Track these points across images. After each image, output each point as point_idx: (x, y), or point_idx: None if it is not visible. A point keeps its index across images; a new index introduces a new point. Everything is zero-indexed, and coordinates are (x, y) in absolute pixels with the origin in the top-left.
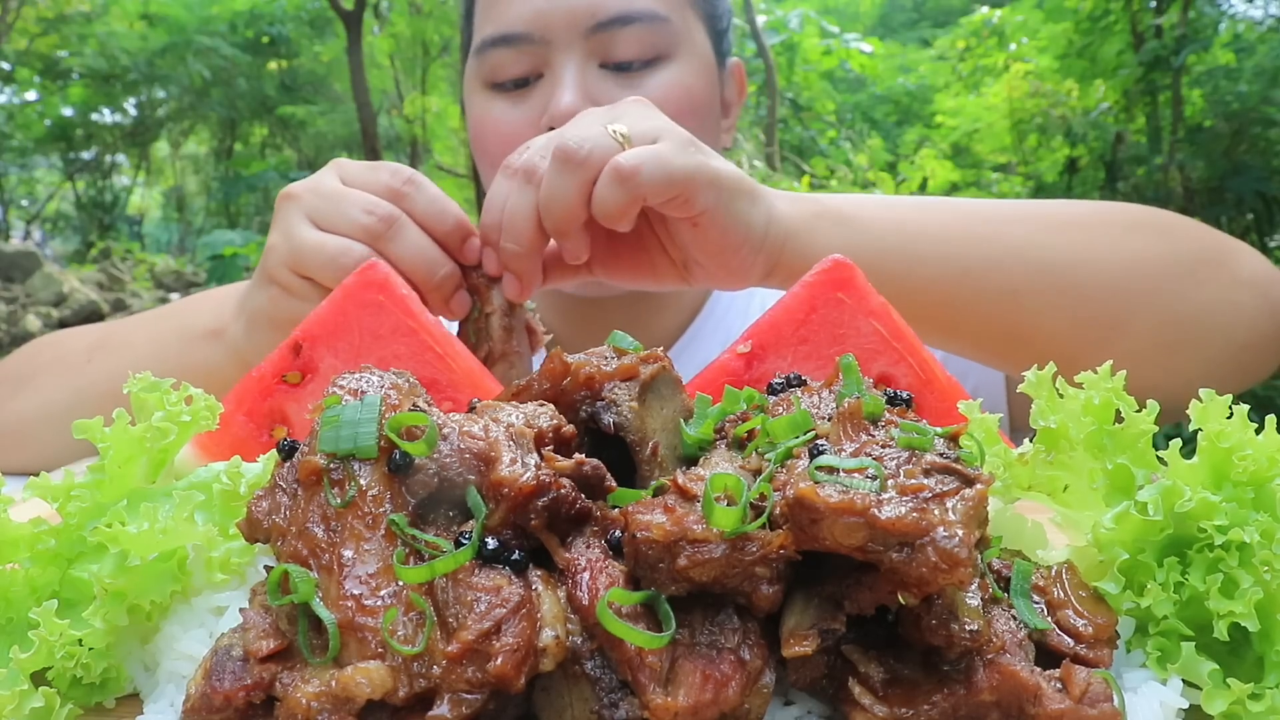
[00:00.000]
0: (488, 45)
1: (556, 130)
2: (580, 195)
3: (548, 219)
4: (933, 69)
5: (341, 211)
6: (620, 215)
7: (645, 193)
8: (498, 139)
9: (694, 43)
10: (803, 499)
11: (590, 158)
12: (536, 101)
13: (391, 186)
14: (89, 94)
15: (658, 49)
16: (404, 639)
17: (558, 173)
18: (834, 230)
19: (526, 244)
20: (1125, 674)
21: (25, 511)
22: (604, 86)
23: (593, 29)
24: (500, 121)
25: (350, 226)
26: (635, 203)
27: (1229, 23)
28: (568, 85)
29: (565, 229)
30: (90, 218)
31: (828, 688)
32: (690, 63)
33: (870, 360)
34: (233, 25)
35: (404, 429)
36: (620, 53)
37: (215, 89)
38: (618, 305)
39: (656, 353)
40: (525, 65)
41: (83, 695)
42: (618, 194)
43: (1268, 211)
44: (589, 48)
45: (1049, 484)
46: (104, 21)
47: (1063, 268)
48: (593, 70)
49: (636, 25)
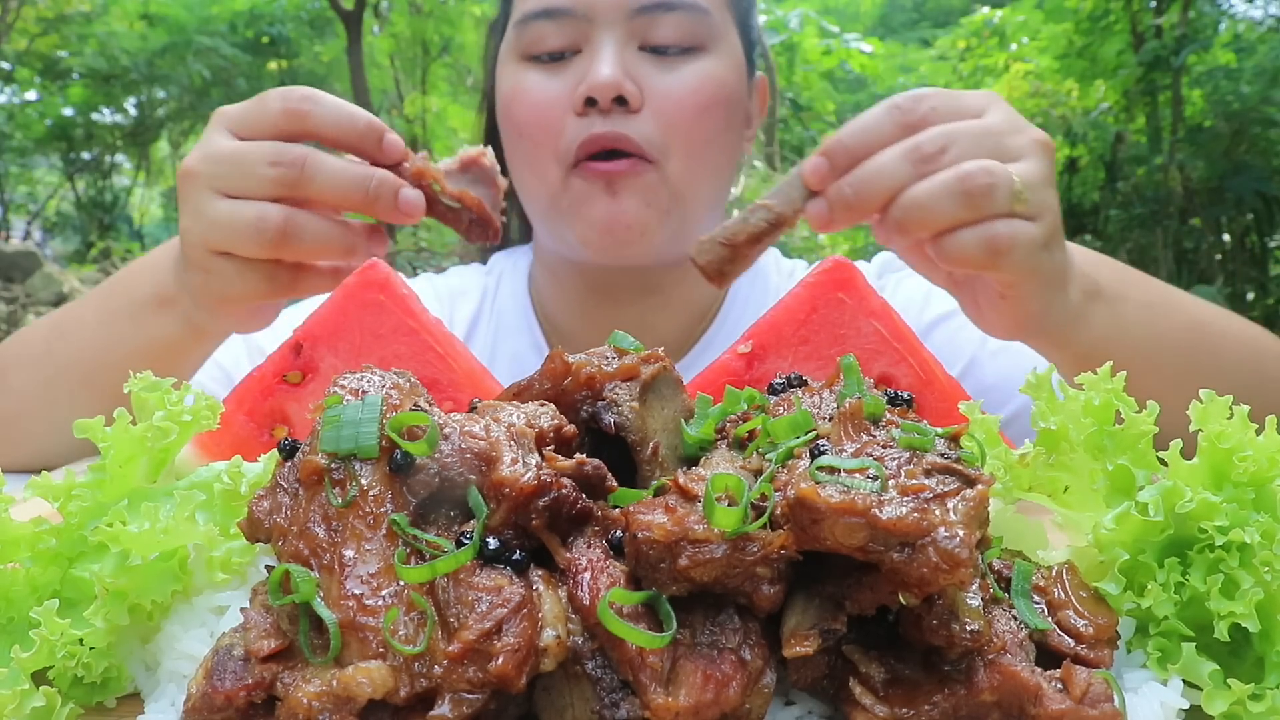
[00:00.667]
0: (530, 17)
1: (991, 130)
2: (948, 222)
3: (900, 209)
4: (933, 69)
5: (246, 172)
6: (965, 268)
7: (1002, 269)
8: (530, 108)
9: (728, 42)
10: (804, 499)
11: (988, 205)
12: (571, 75)
13: (288, 112)
14: (89, 94)
15: (696, 38)
16: (405, 639)
17: (949, 193)
18: (1105, 312)
19: (866, 206)
20: (1126, 674)
21: (26, 511)
22: (641, 67)
23: (637, 10)
24: (533, 91)
25: (260, 185)
26: (983, 270)
27: (1229, 23)
28: (606, 59)
29: (894, 214)
30: (90, 218)
31: (828, 688)
32: (725, 59)
33: (871, 360)
34: (233, 25)
35: (405, 429)
36: (660, 36)
37: (215, 89)
38: (628, 301)
39: (657, 353)
40: (565, 39)
41: (84, 695)
42: (978, 257)
43: (1268, 211)
44: (630, 28)
45: (1049, 485)
46: (104, 21)
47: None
48: (631, 50)
49: (679, 12)
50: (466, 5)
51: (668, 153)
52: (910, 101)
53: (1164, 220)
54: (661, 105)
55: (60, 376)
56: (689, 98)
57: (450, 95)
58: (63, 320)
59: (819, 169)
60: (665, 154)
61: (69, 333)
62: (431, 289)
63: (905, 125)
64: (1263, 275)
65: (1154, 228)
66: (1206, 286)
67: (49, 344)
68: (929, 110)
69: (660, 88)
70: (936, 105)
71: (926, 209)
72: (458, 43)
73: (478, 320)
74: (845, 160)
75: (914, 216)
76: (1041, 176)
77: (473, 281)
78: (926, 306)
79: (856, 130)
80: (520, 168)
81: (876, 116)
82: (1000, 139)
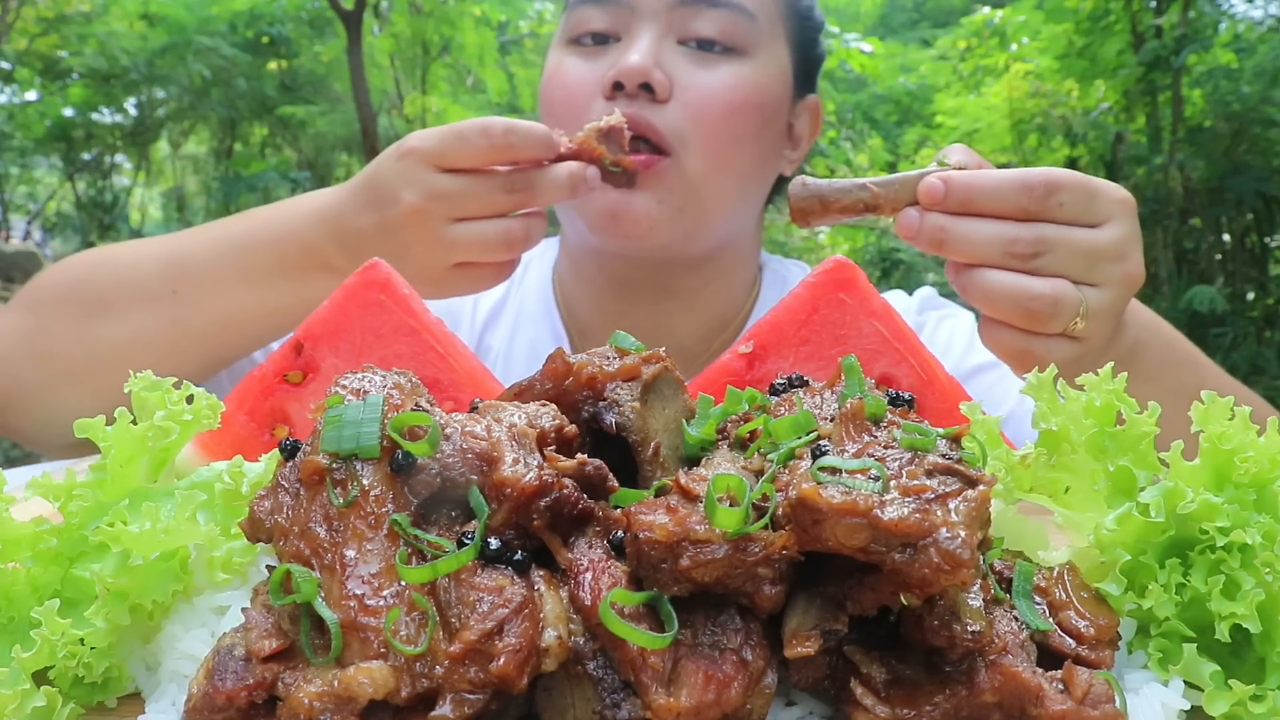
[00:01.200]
0: (578, 1)
1: (1092, 251)
2: (1002, 316)
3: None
4: (934, 69)
5: (486, 201)
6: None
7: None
8: (562, 89)
9: (774, 53)
10: (805, 500)
11: (1039, 327)
12: (606, 60)
13: (495, 148)
14: (89, 94)
15: (737, 40)
16: (406, 639)
17: (1013, 300)
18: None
19: (946, 253)
20: (1127, 675)
21: (27, 510)
22: (676, 61)
23: (680, 2)
24: (568, 74)
25: (497, 208)
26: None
27: (1229, 23)
28: (638, 48)
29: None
30: (90, 218)
31: (830, 688)
32: (765, 68)
33: (872, 361)
34: (233, 25)
35: (406, 429)
36: (699, 30)
37: (215, 89)
38: (648, 301)
39: (658, 353)
40: (606, 23)
41: (84, 694)
42: (1007, 357)
43: (1268, 211)
44: (671, 19)
45: (1050, 485)
46: (104, 21)
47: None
48: (669, 43)
49: (723, 10)
50: (466, 5)
51: (688, 146)
52: (1044, 189)
53: (1164, 220)
54: (690, 98)
55: (190, 321)
56: (719, 94)
57: (450, 95)
58: (183, 262)
59: (934, 192)
60: (685, 147)
61: (196, 281)
62: None
63: (1030, 210)
64: (1263, 275)
65: (1154, 228)
66: (1206, 287)
67: (173, 284)
68: (1056, 205)
69: (692, 81)
70: (1065, 202)
71: (990, 298)
72: (458, 43)
73: (502, 305)
74: (957, 204)
75: (977, 296)
76: (1111, 309)
77: None
78: (969, 353)
79: (988, 188)
80: None
81: (1014, 187)
82: (1097, 262)
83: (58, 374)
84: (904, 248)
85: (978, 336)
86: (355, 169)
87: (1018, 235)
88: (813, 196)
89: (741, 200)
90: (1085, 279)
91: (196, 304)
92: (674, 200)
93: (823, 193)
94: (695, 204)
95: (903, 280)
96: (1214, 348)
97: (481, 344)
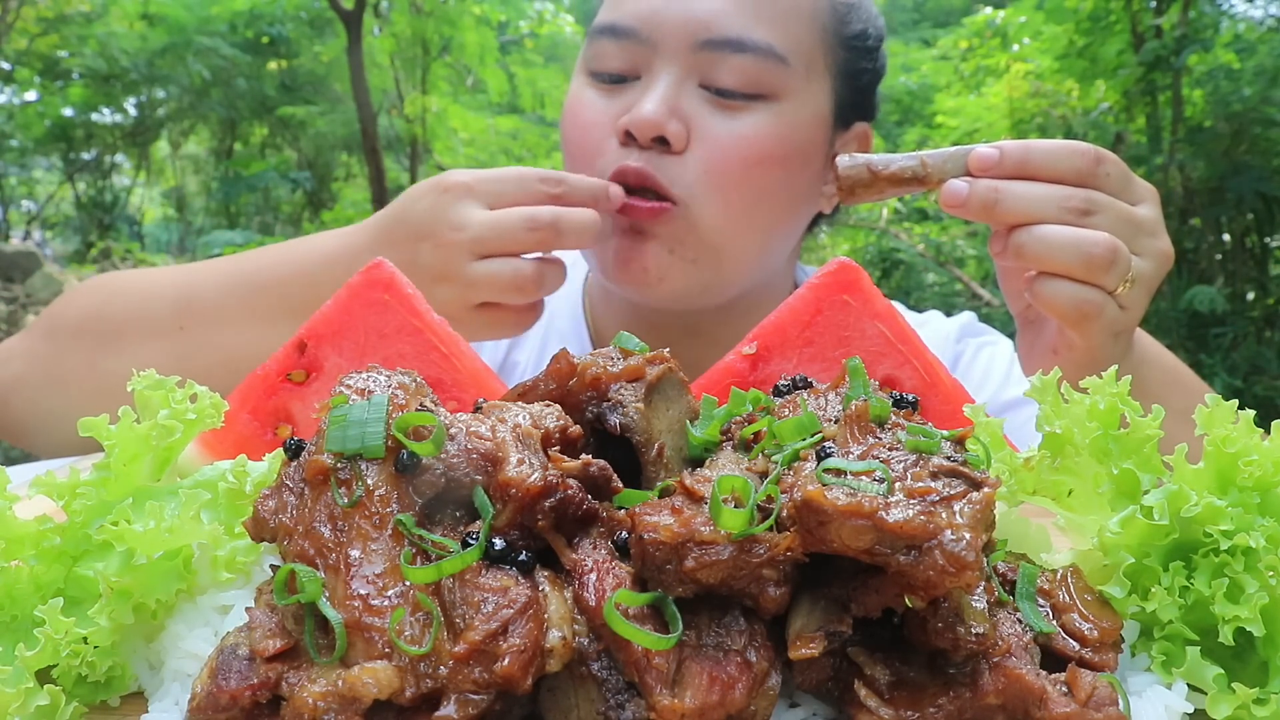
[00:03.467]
0: (597, 32)
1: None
2: (1060, 269)
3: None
4: (934, 69)
5: (508, 239)
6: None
7: (1076, 329)
8: (578, 127)
9: (809, 94)
10: (810, 501)
11: (1099, 275)
12: (625, 100)
13: (547, 194)
14: (89, 94)
15: (763, 86)
16: (411, 639)
17: (1075, 247)
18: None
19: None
20: (1130, 678)
21: (30, 509)
22: (696, 107)
23: (702, 44)
24: (585, 110)
25: (520, 246)
26: (1062, 321)
27: (1229, 23)
28: (654, 95)
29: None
30: (90, 218)
31: (833, 690)
32: (796, 113)
33: (875, 363)
34: (233, 25)
35: (411, 429)
36: (722, 79)
37: (215, 89)
38: (673, 339)
39: (662, 354)
40: (625, 62)
41: (88, 693)
42: (1066, 308)
43: (1268, 211)
44: (692, 62)
45: (1054, 488)
46: (104, 22)
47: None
48: (690, 87)
49: (748, 55)
50: (467, 5)
51: (704, 200)
52: (1095, 156)
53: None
54: (709, 151)
55: (192, 360)
56: (740, 148)
57: (450, 95)
58: (190, 300)
59: (987, 160)
60: (700, 201)
61: (206, 320)
62: None
63: (1082, 173)
64: (1263, 275)
65: None
66: (1206, 287)
67: (180, 320)
68: (1104, 175)
69: (711, 132)
70: (1111, 173)
71: (1051, 249)
72: (458, 43)
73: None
74: (1012, 167)
75: (1036, 249)
76: (1150, 281)
77: None
78: (1006, 385)
79: (1042, 150)
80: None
81: (1067, 151)
82: (1137, 232)
83: (72, 402)
84: (904, 248)
85: (1017, 366)
86: (355, 169)
87: (1071, 193)
88: (861, 166)
89: (766, 252)
90: (1129, 246)
91: (203, 341)
92: (686, 252)
93: (872, 163)
94: (711, 258)
95: (903, 280)
96: (1214, 348)
97: (508, 360)
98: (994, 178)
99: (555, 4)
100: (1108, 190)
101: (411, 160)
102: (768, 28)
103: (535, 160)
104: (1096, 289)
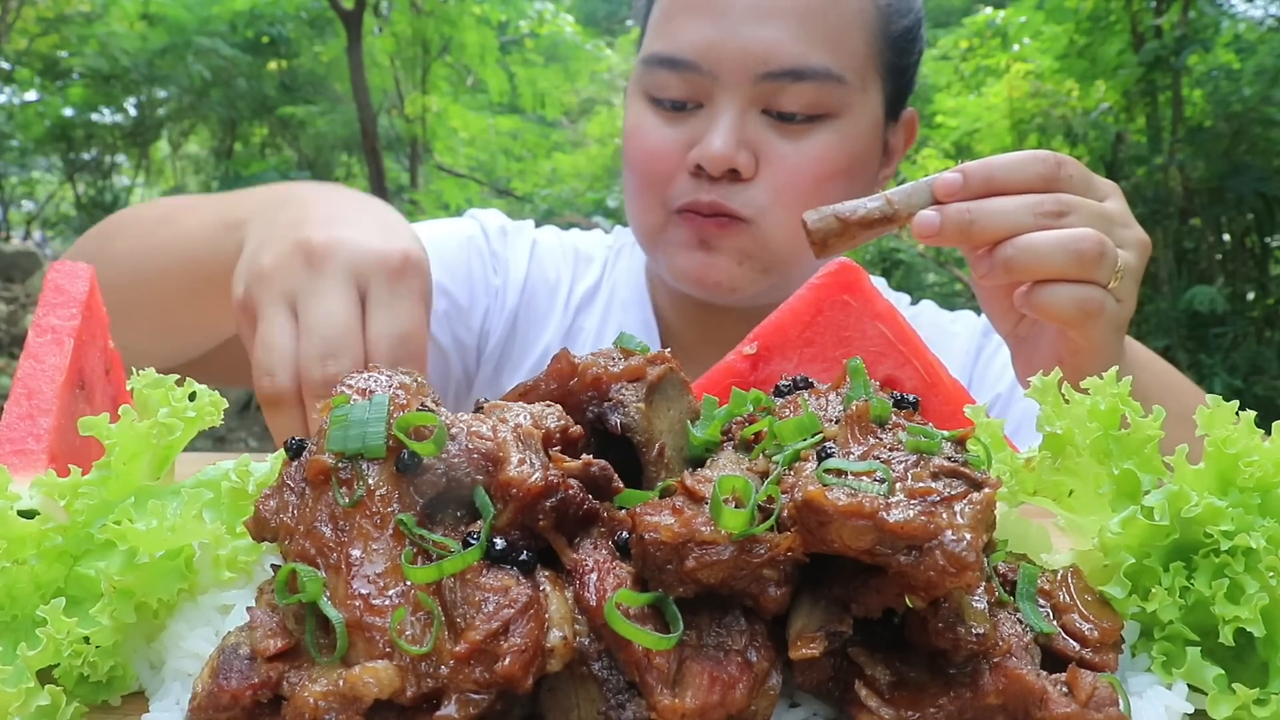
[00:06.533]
0: (654, 62)
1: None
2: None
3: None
4: (934, 68)
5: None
6: (1052, 320)
7: (1081, 332)
8: (643, 153)
9: (866, 104)
10: (811, 501)
11: (1093, 270)
12: (690, 129)
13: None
14: (89, 94)
15: (823, 107)
16: (412, 639)
17: (1063, 248)
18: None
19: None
20: (1130, 678)
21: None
22: (762, 134)
23: (762, 76)
24: (650, 137)
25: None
26: (1066, 326)
27: (1229, 23)
28: (722, 129)
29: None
30: (90, 218)
31: (834, 690)
32: (856, 125)
33: (876, 363)
34: (233, 25)
35: (412, 428)
36: (785, 104)
37: (215, 89)
38: (730, 326)
39: (664, 354)
40: (686, 91)
41: (89, 693)
42: (1068, 311)
43: (1268, 211)
44: (754, 93)
45: (1054, 489)
46: (104, 22)
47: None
48: (753, 115)
49: (808, 83)
50: (467, 5)
51: (774, 219)
52: (1055, 160)
53: (1164, 220)
54: (777, 175)
55: (155, 254)
56: (808, 168)
57: (451, 95)
58: (173, 211)
59: (951, 185)
60: (770, 220)
61: (174, 223)
62: (559, 244)
63: (1045, 179)
64: (1263, 275)
65: (1154, 227)
66: (1206, 287)
67: (156, 226)
68: (1067, 177)
69: (778, 156)
70: (1073, 175)
71: (1040, 255)
72: (458, 42)
73: (597, 288)
74: (978, 187)
75: (1024, 259)
76: (1136, 271)
77: (598, 249)
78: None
79: (1003, 164)
80: (631, 192)
81: (1027, 160)
82: (1112, 225)
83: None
84: (904, 248)
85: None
86: (355, 169)
87: (1042, 198)
88: (829, 217)
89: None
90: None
91: (164, 237)
92: (756, 265)
93: (839, 212)
94: (780, 266)
95: (903, 280)
96: (1214, 348)
97: (575, 325)
98: (960, 200)
99: (555, 4)
100: (1073, 192)
101: (411, 160)
102: (823, 51)
103: (535, 160)
104: (1093, 286)
